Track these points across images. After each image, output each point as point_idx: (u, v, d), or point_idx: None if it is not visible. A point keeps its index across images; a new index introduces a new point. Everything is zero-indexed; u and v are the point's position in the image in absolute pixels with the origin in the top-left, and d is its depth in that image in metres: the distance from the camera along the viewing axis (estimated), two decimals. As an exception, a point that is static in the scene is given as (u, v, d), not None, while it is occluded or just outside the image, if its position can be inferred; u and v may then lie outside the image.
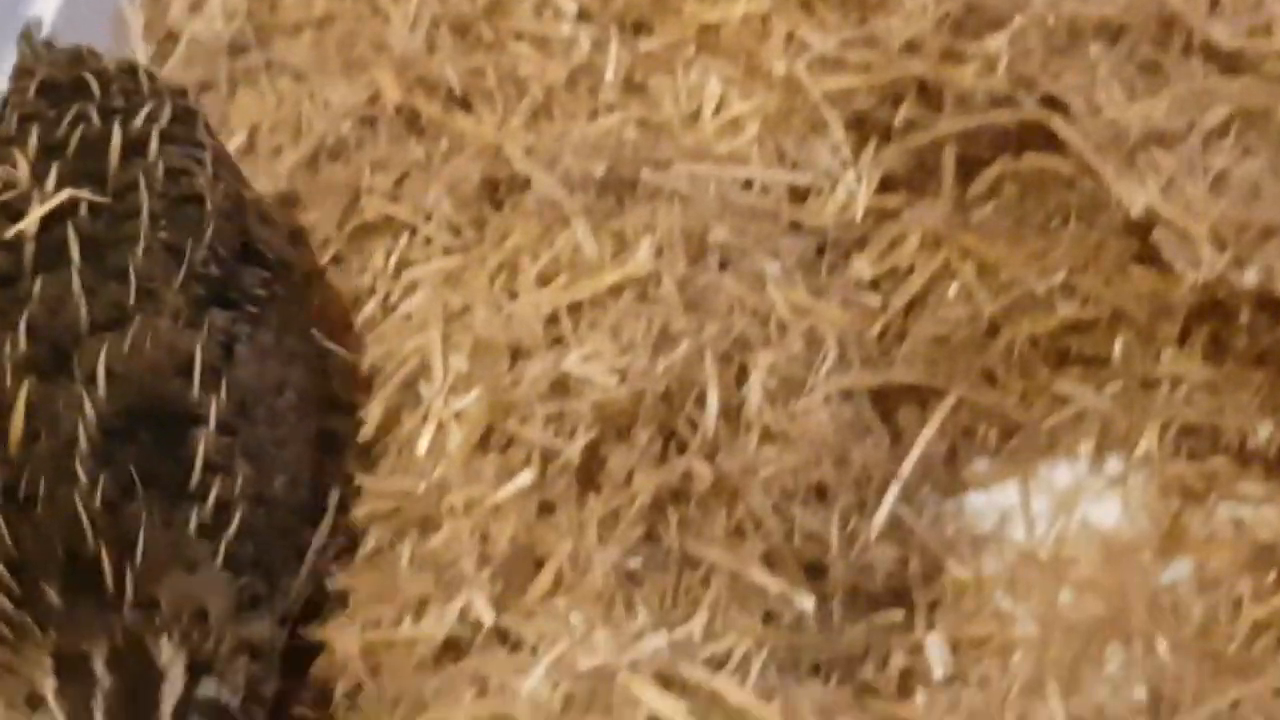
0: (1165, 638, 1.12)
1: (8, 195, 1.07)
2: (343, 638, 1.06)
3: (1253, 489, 1.21)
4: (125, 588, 0.95)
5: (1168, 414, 1.21)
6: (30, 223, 1.04)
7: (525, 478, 1.09)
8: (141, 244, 1.05)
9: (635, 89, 1.30)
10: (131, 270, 1.03)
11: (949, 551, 1.19)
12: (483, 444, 1.11)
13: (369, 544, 1.12)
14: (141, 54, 1.36)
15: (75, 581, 0.96)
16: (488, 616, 1.06)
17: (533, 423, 1.10)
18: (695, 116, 1.27)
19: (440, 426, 1.13)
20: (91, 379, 0.99)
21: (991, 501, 1.22)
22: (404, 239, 1.22)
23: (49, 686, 0.95)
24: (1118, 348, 1.21)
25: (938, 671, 1.14)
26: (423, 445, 1.13)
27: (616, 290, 1.12)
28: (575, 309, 1.13)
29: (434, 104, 1.27)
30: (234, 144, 1.29)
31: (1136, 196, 1.12)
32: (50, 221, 1.05)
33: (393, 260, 1.22)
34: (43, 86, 1.15)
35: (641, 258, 1.13)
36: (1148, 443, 1.21)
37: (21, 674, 0.98)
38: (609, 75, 1.30)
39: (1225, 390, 1.20)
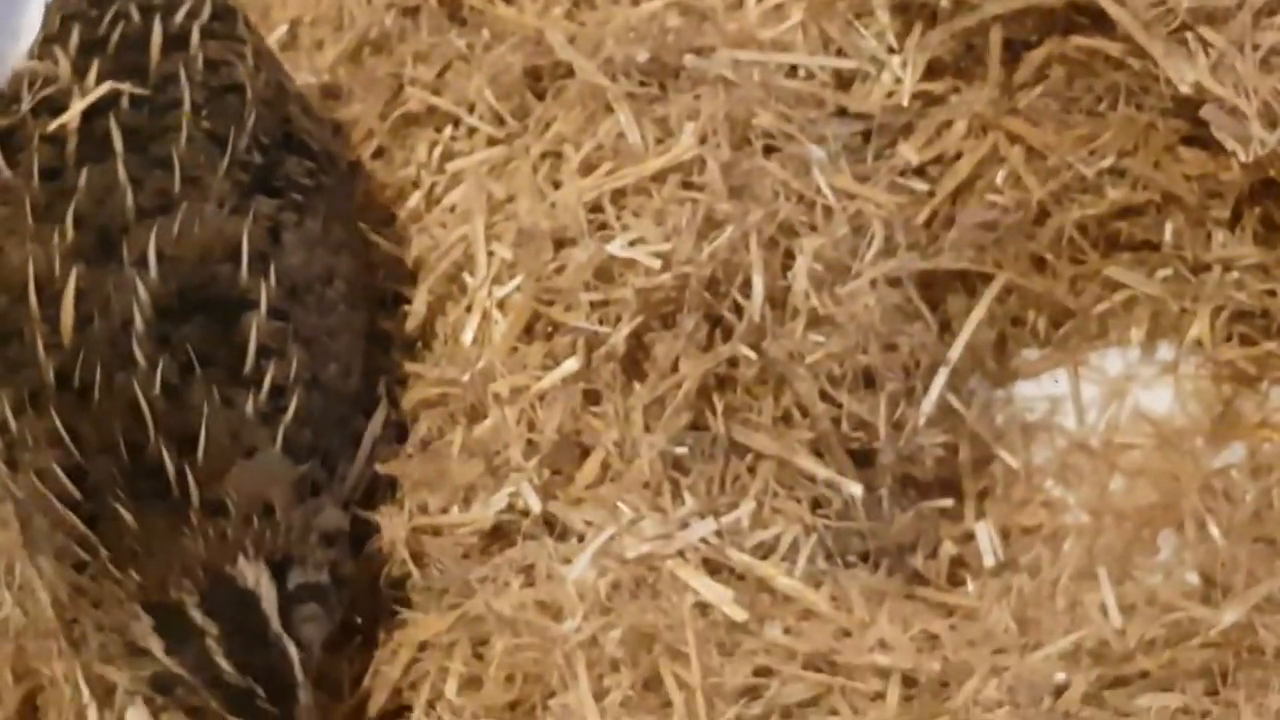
0: (1217, 523, 1.14)
1: (49, 90, 1.07)
2: (391, 525, 1.07)
3: None
4: (190, 492, 0.96)
5: (1219, 298, 1.22)
6: (72, 115, 1.05)
7: (570, 365, 1.09)
8: (184, 133, 1.06)
9: (677, -26, 1.26)
10: (175, 159, 1.04)
11: (999, 440, 1.21)
12: (528, 332, 1.12)
13: (419, 432, 1.13)
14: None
15: (142, 490, 0.98)
16: (535, 504, 1.07)
17: (577, 310, 1.10)
18: (739, 2, 1.24)
19: (485, 316, 1.13)
20: (142, 262, 1.00)
21: (1042, 390, 1.24)
22: (447, 130, 1.22)
23: (155, 645, 0.97)
24: (1168, 232, 1.22)
25: (988, 560, 1.15)
26: (468, 335, 1.13)
27: (660, 177, 1.12)
28: (619, 196, 1.13)
29: (475, -7, 1.26)
30: (275, 38, 1.28)
31: (1186, 74, 1.12)
32: (92, 115, 1.06)
33: (436, 152, 1.22)
34: None
35: (685, 144, 1.13)
36: (1199, 328, 1.22)
37: (112, 616, 1.00)
38: (650, -40, 1.27)
39: (1277, 273, 1.20)
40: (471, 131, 1.21)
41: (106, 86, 1.07)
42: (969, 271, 1.21)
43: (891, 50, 1.20)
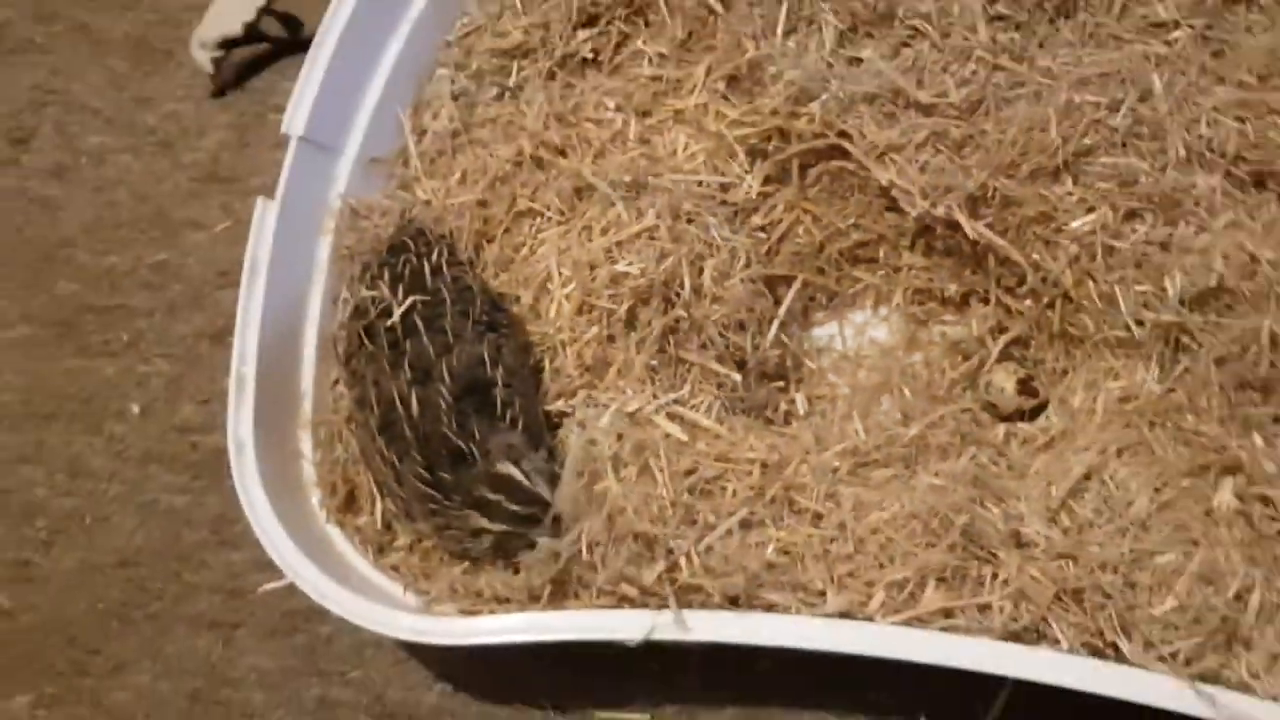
0: (910, 390, 1.18)
1: (382, 305, 1.08)
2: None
3: (951, 317, 1.24)
4: (477, 459, 0.99)
5: (906, 283, 1.23)
6: (396, 317, 1.07)
7: (593, 330, 1.13)
8: (449, 316, 1.07)
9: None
10: (448, 327, 1.06)
11: (806, 355, 1.24)
12: (580, 310, 1.14)
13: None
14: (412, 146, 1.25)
15: (459, 466, 1.00)
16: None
17: (602, 297, 1.13)
18: (673, 152, 1.22)
19: (559, 306, 1.14)
20: (442, 379, 1.03)
21: (826, 331, 1.26)
22: (538, 220, 1.20)
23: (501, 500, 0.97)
24: (881, 252, 1.23)
25: (801, 410, 1.19)
26: (552, 314, 1.14)
27: (639, 235, 1.15)
28: (620, 244, 1.15)
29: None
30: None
31: (884, 176, 1.15)
32: (405, 314, 1.07)
33: (533, 230, 1.20)
34: (388, 248, 1.14)
35: (649, 218, 1.15)
36: (898, 298, 1.24)
37: (460, 526, 0.99)
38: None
39: (934, 268, 1.21)
40: (548, 221, 1.20)
41: (410, 300, 1.07)
42: (789, 275, 1.23)
43: (748, 171, 1.19)
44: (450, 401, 1.01)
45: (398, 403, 1.02)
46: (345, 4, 1.18)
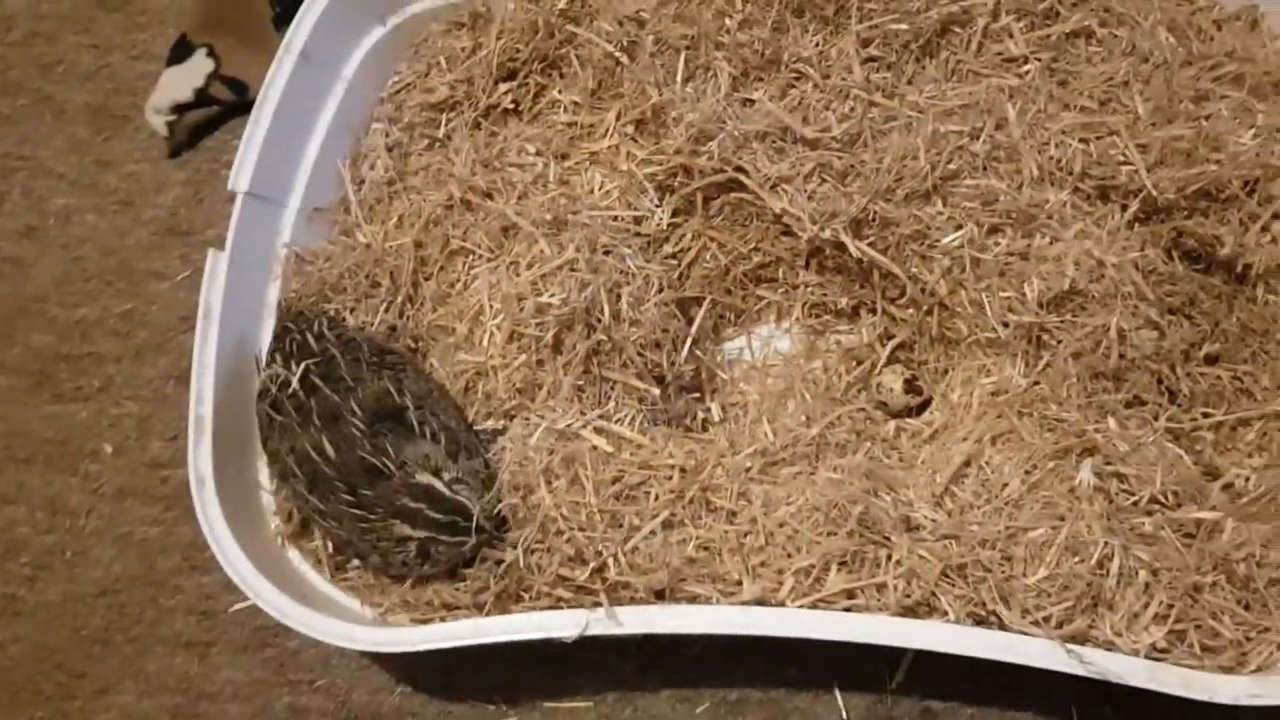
0: (810, 394, 1.16)
1: (281, 379, 1.06)
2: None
3: (844, 327, 1.23)
4: (394, 472, 0.99)
5: (804, 298, 1.22)
6: (295, 382, 1.05)
7: (527, 355, 1.12)
8: (343, 365, 1.05)
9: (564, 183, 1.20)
10: (344, 373, 1.05)
11: (719, 367, 1.22)
12: (510, 338, 1.13)
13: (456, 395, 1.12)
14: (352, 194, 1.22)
15: (375, 482, 0.98)
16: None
17: (530, 326, 1.12)
18: (591, 190, 1.19)
19: (491, 333, 1.13)
20: (352, 413, 1.02)
21: (736, 345, 1.24)
22: (470, 257, 1.19)
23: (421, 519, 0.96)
24: (780, 272, 1.21)
25: (716, 418, 1.17)
26: (485, 343, 1.13)
27: (561, 268, 1.13)
28: (545, 277, 1.13)
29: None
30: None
31: (778, 205, 1.13)
32: (303, 379, 1.06)
33: (465, 266, 1.19)
34: (274, 335, 1.12)
35: (570, 251, 1.13)
36: (797, 312, 1.22)
37: (389, 535, 0.97)
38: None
39: (826, 284, 1.20)
40: (479, 258, 1.19)
41: (303, 365, 1.05)
42: (699, 296, 1.21)
43: (657, 205, 1.18)
44: (364, 429, 0.99)
45: (313, 452, 1.00)
46: (284, 67, 1.15)
